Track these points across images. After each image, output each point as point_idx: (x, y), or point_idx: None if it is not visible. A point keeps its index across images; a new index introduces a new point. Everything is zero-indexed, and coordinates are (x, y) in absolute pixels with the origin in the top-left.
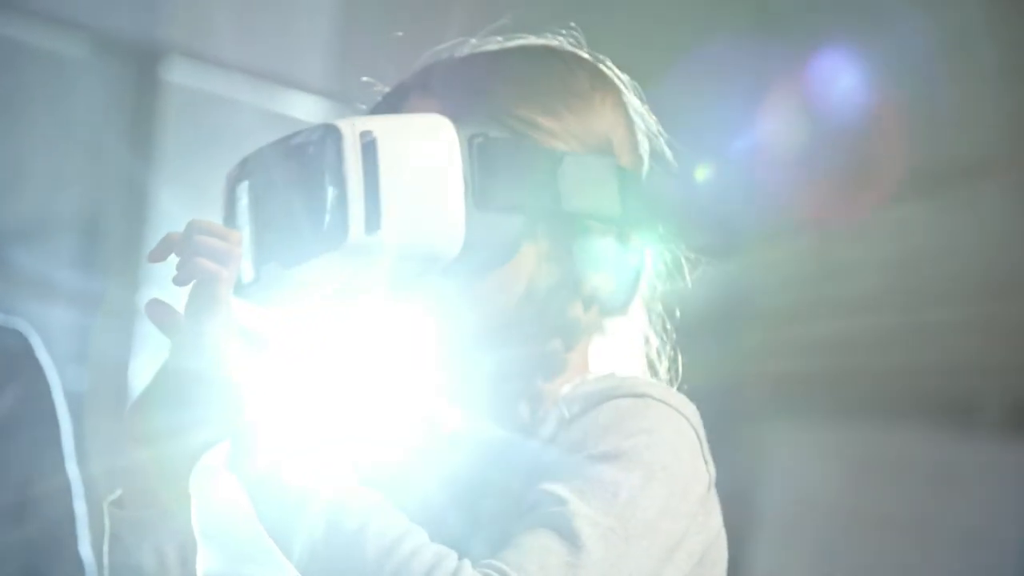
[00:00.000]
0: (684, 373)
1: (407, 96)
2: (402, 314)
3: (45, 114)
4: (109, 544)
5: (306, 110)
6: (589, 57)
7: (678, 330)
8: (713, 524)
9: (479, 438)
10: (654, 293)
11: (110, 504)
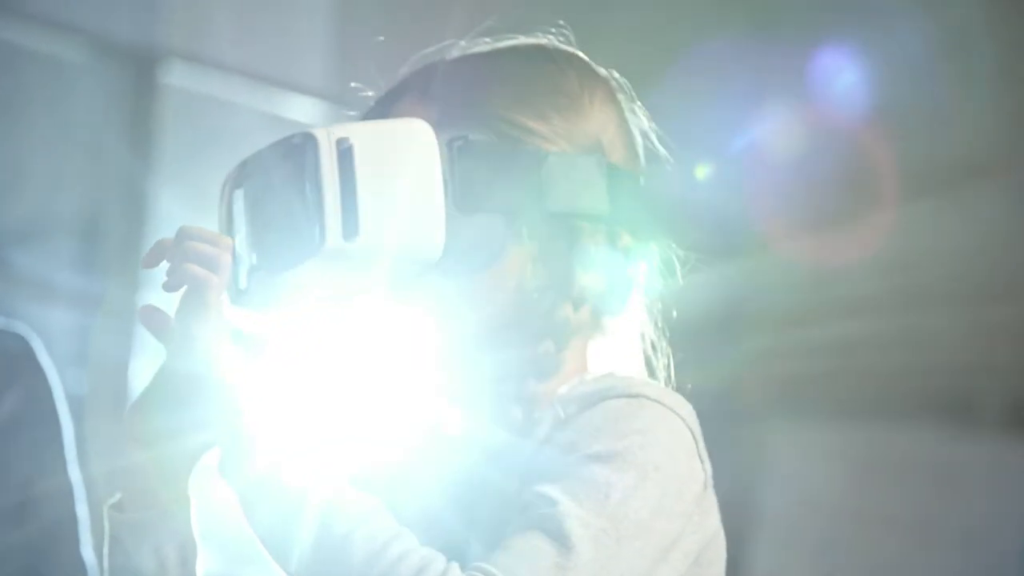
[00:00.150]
0: (686, 374)
1: (397, 100)
2: (397, 316)
3: (44, 117)
4: (109, 547)
5: (304, 112)
6: (580, 55)
7: (680, 331)
8: (710, 524)
9: (476, 439)
10: (653, 293)
11: (109, 507)
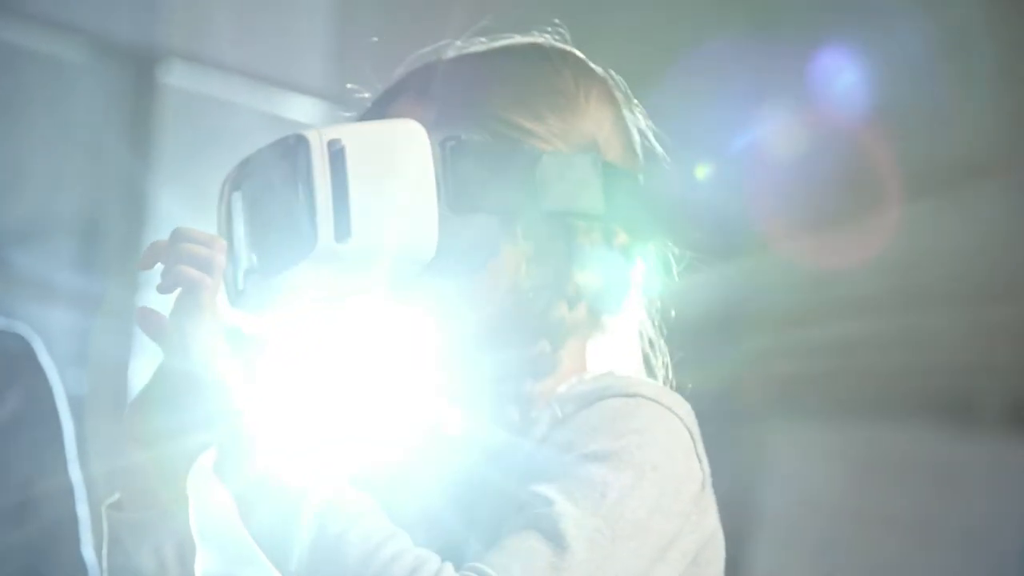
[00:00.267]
0: (686, 374)
1: (393, 100)
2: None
3: (44, 117)
4: (108, 547)
5: (304, 112)
6: (576, 53)
7: (680, 331)
8: (708, 523)
9: (475, 439)
10: (651, 291)
11: (108, 507)
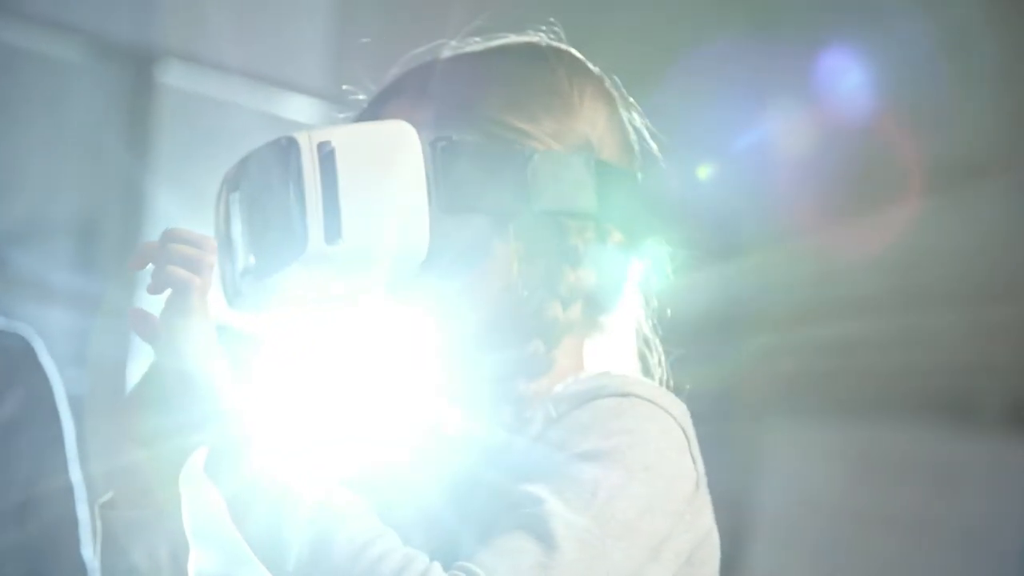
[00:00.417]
0: (686, 374)
1: (387, 101)
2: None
3: (42, 117)
4: (101, 546)
5: (302, 112)
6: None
7: (680, 330)
8: (702, 523)
9: (470, 438)
10: (649, 291)
11: (101, 506)
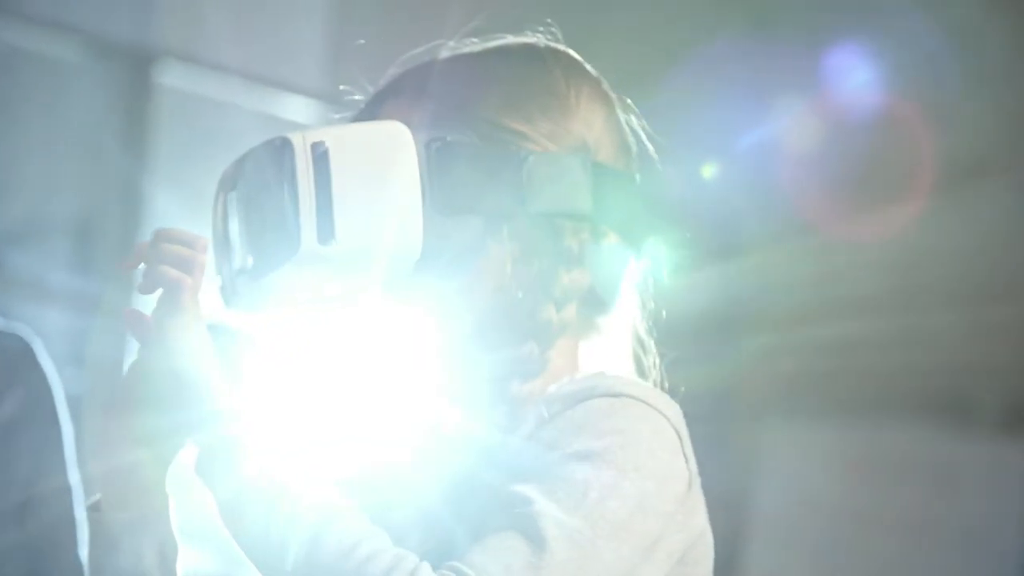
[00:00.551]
0: (685, 374)
1: (384, 102)
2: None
3: (40, 117)
4: (89, 548)
5: (300, 113)
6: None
7: (680, 331)
8: (695, 523)
9: (468, 438)
10: (645, 291)
11: (88, 508)
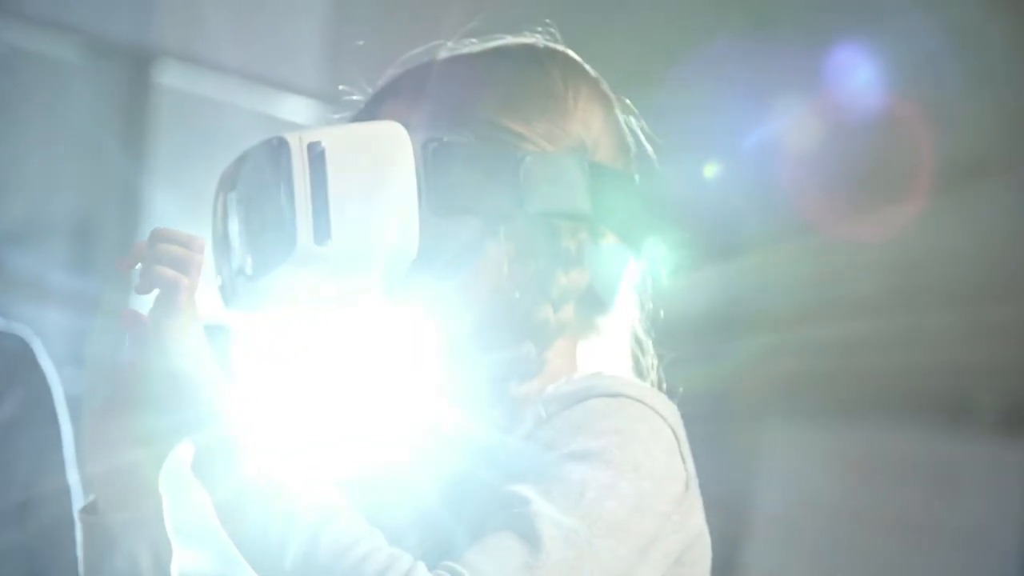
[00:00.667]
0: (684, 375)
1: (383, 102)
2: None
3: (39, 117)
4: (84, 551)
5: (299, 113)
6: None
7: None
8: (693, 523)
9: (466, 439)
10: (644, 291)
11: (82, 511)
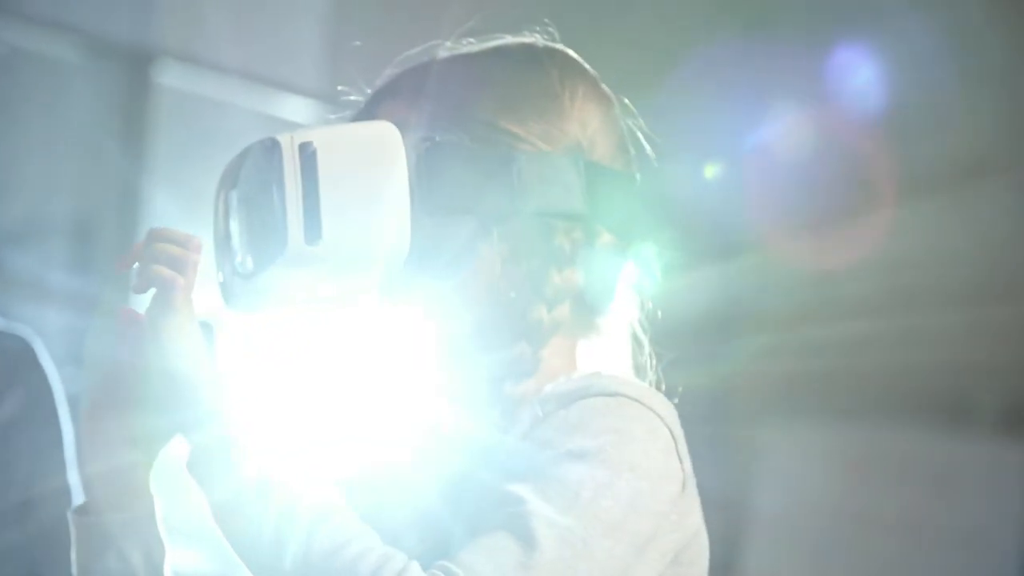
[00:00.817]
0: (684, 375)
1: (380, 102)
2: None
3: (38, 117)
4: (77, 552)
5: (299, 113)
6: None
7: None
8: (690, 523)
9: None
10: (642, 291)
11: (73, 512)
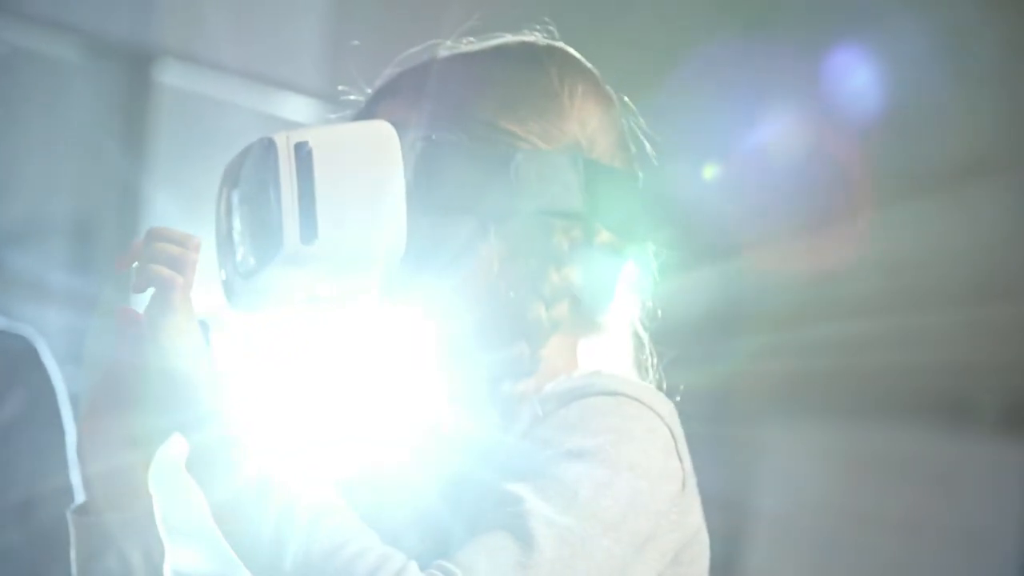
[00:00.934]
0: (685, 374)
1: (380, 101)
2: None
3: (39, 117)
4: (76, 552)
5: (299, 112)
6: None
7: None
8: (690, 522)
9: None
10: (643, 290)
11: (73, 512)
